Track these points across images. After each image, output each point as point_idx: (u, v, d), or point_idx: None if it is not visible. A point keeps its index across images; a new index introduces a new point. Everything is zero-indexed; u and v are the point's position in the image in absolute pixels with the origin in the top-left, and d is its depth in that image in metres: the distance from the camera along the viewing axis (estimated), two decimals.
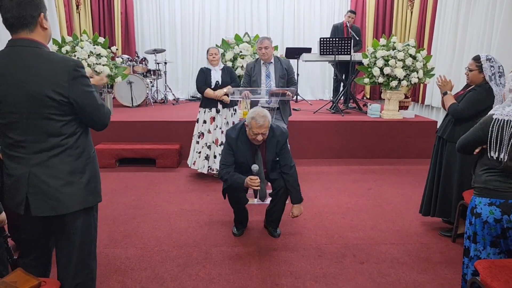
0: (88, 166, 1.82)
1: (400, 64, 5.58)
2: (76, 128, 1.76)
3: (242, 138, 3.13)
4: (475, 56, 3.07)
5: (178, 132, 5.62)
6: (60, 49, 5.41)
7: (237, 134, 3.15)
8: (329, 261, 2.91)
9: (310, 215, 3.74)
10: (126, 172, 5.07)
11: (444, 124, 3.27)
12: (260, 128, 2.95)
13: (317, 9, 9.09)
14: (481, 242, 2.13)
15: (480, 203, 2.11)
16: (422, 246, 3.14)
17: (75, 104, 1.70)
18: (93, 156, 1.88)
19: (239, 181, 3.02)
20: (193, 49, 9.10)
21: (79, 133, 1.79)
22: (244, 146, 3.13)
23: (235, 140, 3.14)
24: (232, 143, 3.14)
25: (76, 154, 1.77)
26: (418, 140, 5.74)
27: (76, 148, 1.77)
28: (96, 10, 8.63)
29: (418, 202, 3.59)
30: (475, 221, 2.13)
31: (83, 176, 1.80)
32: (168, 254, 2.99)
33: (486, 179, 2.12)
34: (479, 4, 6.16)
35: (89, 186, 1.82)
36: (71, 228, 1.83)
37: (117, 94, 7.22)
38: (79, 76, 1.70)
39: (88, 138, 1.87)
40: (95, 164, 1.89)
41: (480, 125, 2.16)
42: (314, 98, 9.09)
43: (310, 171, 5.11)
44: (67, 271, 1.86)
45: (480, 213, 2.10)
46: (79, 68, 1.70)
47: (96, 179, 1.89)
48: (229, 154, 3.15)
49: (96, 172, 1.89)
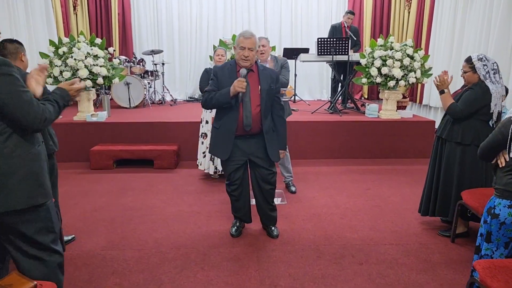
0: (19, 168, 1.79)
1: (398, 64, 5.58)
2: (4, 127, 1.75)
3: (228, 67, 3.04)
4: (467, 58, 3.10)
5: (176, 133, 5.60)
6: (57, 50, 5.37)
7: (223, 64, 3.11)
8: (328, 262, 2.89)
9: (308, 215, 3.72)
10: (123, 173, 5.05)
11: (442, 124, 3.27)
12: (247, 41, 2.87)
13: (315, 9, 9.08)
14: (495, 243, 2.13)
15: (499, 204, 2.11)
16: (421, 247, 3.13)
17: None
18: (29, 157, 1.83)
19: (224, 92, 2.90)
20: (190, 50, 9.07)
21: (9, 133, 1.77)
22: (231, 74, 2.99)
23: (220, 68, 3.07)
24: (217, 71, 3.05)
25: (4, 154, 1.75)
26: (416, 140, 5.74)
27: (4, 148, 1.75)
28: (94, 11, 8.60)
29: (417, 202, 3.58)
30: (491, 221, 2.14)
31: (12, 178, 1.77)
32: (166, 256, 2.97)
33: (508, 181, 2.12)
34: (476, 4, 6.17)
35: (20, 188, 1.79)
36: (8, 229, 1.82)
37: (115, 95, 7.20)
38: (1, 75, 1.68)
39: (24, 139, 1.82)
40: (31, 166, 1.84)
41: (499, 129, 2.16)
42: (312, 98, 9.08)
43: (308, 172, 5.10)
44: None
45: (498, 214, 2.10)
46: (1, 66, 1.69)
47: (32, 181, 1.84)
48: (213, 81, 3.04)
49: (32, 174, 1.84)
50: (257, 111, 2.99)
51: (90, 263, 2.85)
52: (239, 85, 2.82)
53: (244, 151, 3.07)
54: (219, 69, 3.06)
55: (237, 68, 3.00)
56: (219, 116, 3.08)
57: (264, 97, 3.00)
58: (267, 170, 3.13)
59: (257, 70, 3.05)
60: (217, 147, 3.11)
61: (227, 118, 3.00)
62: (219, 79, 3.01)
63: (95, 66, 5.42)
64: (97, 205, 3.96)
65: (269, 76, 3.06)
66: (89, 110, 5.80)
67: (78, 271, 2.75)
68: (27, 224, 1.84)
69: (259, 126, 3.03)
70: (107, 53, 5.68)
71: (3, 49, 2.66)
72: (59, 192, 3.17)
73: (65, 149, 5.36)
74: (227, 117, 3.00)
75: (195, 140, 5.42)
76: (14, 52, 2.64)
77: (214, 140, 3.14)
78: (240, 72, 2.91)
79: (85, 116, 5.64)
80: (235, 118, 2.97)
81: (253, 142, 3.07)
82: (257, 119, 3.00)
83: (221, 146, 3.06)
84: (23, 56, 2.70)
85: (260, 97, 3.00)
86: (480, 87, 3.00)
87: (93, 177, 4.90)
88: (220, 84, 2.99)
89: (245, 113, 2.95)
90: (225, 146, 3.03)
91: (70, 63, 5.28)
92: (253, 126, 2.99)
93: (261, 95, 3.00)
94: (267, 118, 3.06)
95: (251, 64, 2.97)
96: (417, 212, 3.52)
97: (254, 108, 2.98)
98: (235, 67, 3.02)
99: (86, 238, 3.25)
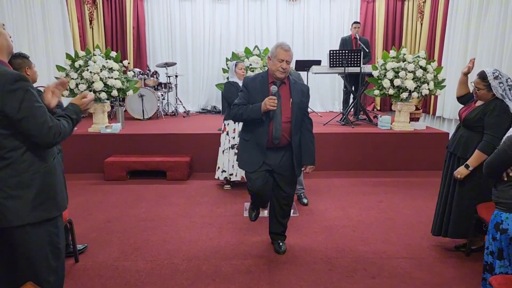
0: (35, 181, 1.82)
1: (410, 75, 5.56)
2: (20, 142, 1.77)
3: (260, 79, 2.97)
4: (481, 74, 2.89)
5: (189, 144, 5.64)
6: (73, 63, 5.50)
7: (255, 76, 3.03)
8: (340, 275, 2.87)
9: (320, 228, 3.70)
10: (136, 184, 5.10)
11: (455, 139, 3.12)
12: (286, 54, 2.82)
13: (327, 21, 9.13)
14: (507, 258, 2.06)
15: (507, 219, 2.05)
16: (435, 260, 3.08)
17: (10, 118, 1.71)
18: (45, 170, 1.86)
19: (255, 109, 2.83)
20: (203, 62, 9.18)
21: (25, 148, 1.79)
22: (263, 86, 2.92)
23: (251, 79, 2.98)
24: (248, 83, 2.97)
25: (21, 168, 1.78)
26: (429, 152, 5.67)
27: (22, 163, 1.78)
28: (109, 25, 8.79)
29: (430, 215, 3.52)
30: (501, 237, 2.08)
31: (28, 191, 1.79)
32: (178, 268, 2.98)
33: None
34: (490, 15, 6.13)
35: (36, 201, 1.82)
36: (19, 242, 1.83)
37: (129, 107, 7.31)
38: (17, 89, 1.70)
39: (40, 152, 1.85)
40: (47, 178, 1.86)
41: (505, 145, 2.11)
42: (324, 110, 9.07)
43: (320, 184, 5.08)
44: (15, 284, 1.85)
45: (506, 229, 2.05)
46: (18, 81, 1.71)
47: (47, 194, 1.87)
48: (243, 93, 2.96)
49: (47, 186, 1.86)
50: (287, 124, 2.94)
51: (103, 274, 2.88)
52: (271, 103, 2.75)
53: (269, 164, 3.00)
54: (250, 80, 2.98)
55: (270, 79, 2.95)
56: (250, 129, 3.01)
57: (296, 111, 2.94)
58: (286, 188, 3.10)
59: (288, 83, 2.99)
60: (246, 159, 3.03)
61: (257, 131, 2.94)
62: (250, 91, 2.93)
63: (110, 79, 5.53)
64: (111, 216, 4.01)
65: (300, 89, 3.00)
66: (104, 121, 5.90)
67: (91, 282, 2.78)
68: (30, 239, 1.84)
69: (287, 139, 2.97)
70: (121, 66, 5.79)
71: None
72: (74, 203, 3.21)
73: (80, 160, 5.47)
74: (257, 130, 2.94)
75: (208, 151, 5.48)
76: (18, 68, 2.65)
77: (244, 152, 3.06)
78: (271, 89, 2.84)
79: (100, 128, 5.74)
80: (266, 131, 2.90)
81: (279, 155, 3.00)
82: (286, 132, 2.95)
83: (251, 158, 3.00)
84: (28, 69, 2.73)
85: (291, 110, 2.93)
86: (502, 108, 2.82)
87: (107, 188, 4.96)
88: (251, 96, 2.92)
89: (275, 125, 2.89)
90: (255, 159, 2.98)
91: (86, 76, 5.39)
92: (281, 139, 2.93)
93: (292, 108, 2.93)
94: (296, 132, 3.01)
95: (286, 76, 2.94)
96: (431, 225, 3.47)
97: (284, 121, 2.93)
98: (267, 79, 2.95)
99: (100, 248, 3.28)
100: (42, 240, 1.88)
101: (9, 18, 5.92)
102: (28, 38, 6.41)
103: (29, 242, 1.84)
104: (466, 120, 3.03)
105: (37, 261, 1.88)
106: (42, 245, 1.89)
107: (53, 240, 1.94)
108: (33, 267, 1.88)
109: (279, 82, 2.92)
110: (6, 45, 1.83)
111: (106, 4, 8.71)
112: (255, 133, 2.96)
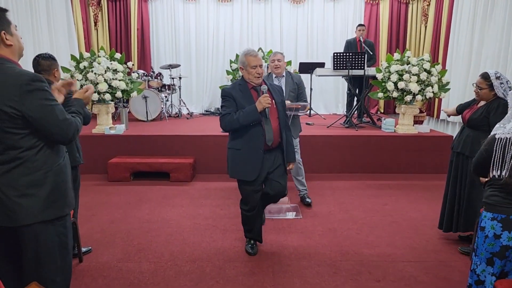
0: (48, 179, 1.83)
1: (414, 78, 5.54)
2: (36, 141, 1.79)
3: (239, 87, 3.01)
4: (484, 74, 3.05)
5: (192, 146, 5.64)
6: (78, 64, 5.52)
7: (232, 85, 3.08)
8: (344, 278, 2.85)
9: (324, 230, 3.69)
10: (140, 185, 5.10)
11: (461, 139, 3.23)
12: (256, 59, 2.92)
13: (330, 23, 9.13)
14: (479, 256, 2.11)
15: (485, 217, 2.10)
16: (440, 264, 3.07)
17: (29, 118, 1.72)
18: (57, 169, 1.88)
19: (250, 110, 2.86)
20: (207, 64, 9.20)
21: (40, 146, 1.81)
22: (244, 93, 2.97)
23: (231, 88, 3.01)
24: (231, 92, 2.97)
25: (34, 167, 1.80)
26: (433, 155, 5.66)
27: (35, 161, 1.79)
28: (114, 27, 8.82)
29: (436, 218, 3.52)
30: (479, 234, 2.13)
31: (41, 189, 1.81)
32: (182, 269, 2.97)
33: (488, 193, 2.13)
34: (495, 18, 6.11)
35: (48, 199, 1.83)
36: (29, 241, 1.84)
37: (133, 108, 7.32)
38: (34, 90, 1.72)
39: (53, 151, 1.87)
40: (59, 177, 1.88)
41: (484, 146, 2.15)
42: (327, 112, 9.07)
43: (324, 186, 5.06)
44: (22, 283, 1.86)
45: (484, 226, 2.09)
46: (34, 82, 1.73)
47: (59, 192, 1.88)
48: (229, 102, 2.96)
49: (59, 185, 1.88)
50: (276, 124, 3.03)
51: (107, 275, 2.88)
52: (266, 100, 2.84)
53: (265, 167, 3.02)
54: (231, 89, 3.01)
55: (249, 86, 3.01)
56: (239, 135, 2.99)
57: (281, 110, 3.07)
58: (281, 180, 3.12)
59: (267, 85, 3.07)
60: (243, 168, 3.01)
61: (251, 136, 2.95)
62: (236, 99, 2.96)
63: (114, 80, 5.54)
64: (114, 217, 4.01)
65: (277, 90, 3.16)
66: (108, 123, 5.91)
67: (95, 283, 2.77)
68: (41, 237, 1.86)
69: (278, 139, 3.05)
70: (126, 67, 5.81)
71: (37, 65, 2.77)
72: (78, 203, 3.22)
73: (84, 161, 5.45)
74: (250, 135, 2.95)
75: (211, 153, 5.48)
76: (47, 69, 2.77)
77: (237, 162, 3.03)
78: (261, 88, 2.95)
79: (104, 129, 5.75)
80: (261, 134, 2.94)
81: (273, 155, 3.07)
82: (277, 132, 3.02)
83: (248, 166, 2.98)
84: (56, 71, 2.83)
85: (277, 111, 3.05)
86: (505, 106, 2.80)
87: (111, 189, 4.97)
88: (238, 103, 2.94)
89: (267, 128, 2.95)
90: (254, 165, 2.97)
91: (91, 77, 5.41)
92: (274, 139, 3.00)
93: (278, 108, 3.05)
94: (284, 130, 3.10)
95: (262, 79, 3.02)
96: (436, 228, 3.46)
97: (274, 122, 3.01)
98: (245, 86, 3.01)
99: (103, 249, 3.28)
100: (51, 240, 1.89)
101: (14, 19, 5.92)
102: (33, 40, 6.44)
103: (39, 242, 1.85)
104: (471, 120, 3.17)
105: (45, 261, 1.89)
106: (51, 245, 1.89)
107: (62, 241, 1.95)
108: (41, 266, 1.89)
109: (258, 87, 3.01)
110: (18, 46, 1.85)
111: (111, 5, 8.75)
112: (250, 139, 2.97)
